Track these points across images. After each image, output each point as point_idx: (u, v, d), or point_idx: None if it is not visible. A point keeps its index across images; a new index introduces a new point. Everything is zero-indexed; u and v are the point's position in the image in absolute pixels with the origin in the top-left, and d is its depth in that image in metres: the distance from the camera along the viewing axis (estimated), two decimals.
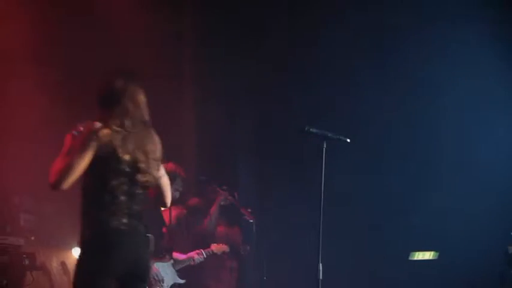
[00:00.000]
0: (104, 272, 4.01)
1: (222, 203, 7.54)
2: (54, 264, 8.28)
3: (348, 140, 5.19)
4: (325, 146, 5.04)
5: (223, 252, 7.45)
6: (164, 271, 6.87)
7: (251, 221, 7.55)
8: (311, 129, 5.10)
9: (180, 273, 7.04)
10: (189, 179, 8.18)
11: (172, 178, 6.95)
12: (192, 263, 7.23)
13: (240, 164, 9.33)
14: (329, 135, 5.11)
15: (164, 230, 6.94)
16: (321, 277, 4.93)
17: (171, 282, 6.94)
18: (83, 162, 4.04)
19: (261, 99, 9.22)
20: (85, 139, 4.08)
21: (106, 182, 4.13)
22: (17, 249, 6.95)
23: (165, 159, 4.19)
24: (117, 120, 4.19)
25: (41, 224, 8.47)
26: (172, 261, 7.03)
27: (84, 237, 4.11)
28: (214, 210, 7.54)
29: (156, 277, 6.74)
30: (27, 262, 6.96)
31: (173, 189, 7.05)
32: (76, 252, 8.53)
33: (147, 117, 4.32)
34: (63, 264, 7.88)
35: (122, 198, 4.15)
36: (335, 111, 8.62)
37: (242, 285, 7.97)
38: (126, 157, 4.15)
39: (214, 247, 7.37)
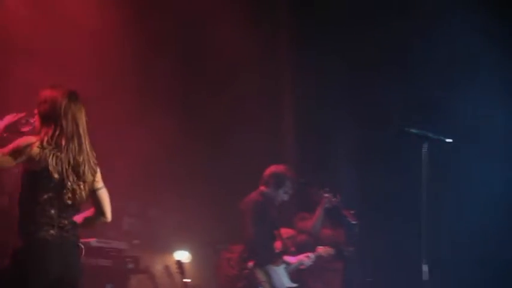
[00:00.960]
0: (34, 279, 4.27)
1: (326, 205, 7.42)
2: (158, 268, 8.34)
3: (450, 141, 5.02)
4: (426, 147, 4.89)
5: (329, 255, 7.35)
6: (277, 275, 6.81)
7: (354, 222, 7.42)
8: (411, 130, 4.98)
9: (291, 276, 6.98)
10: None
11: (281, 181, 6.97)
12: (302, 266, 7.15)
13: (342, 166, 9.17)
14: (430, 135, 5.01)
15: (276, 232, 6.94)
16: (426, 278, 4.77)
17: (286, 286, 6.87)
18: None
19: (361, 100, 9.01)
20: (16, 149, 4.31)
21: (36, 196, 4.36)
22: (120, 253, 6.98)
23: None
24: (53, 139, 4.38)
25: (144, 228, 8.57)
26: (284, 264, 6.96)
27: (16, 248, 4.34)
28: (319, 213, 7.43)
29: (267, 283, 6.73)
30: (131, 266, 7.01)
31: (282, 192, 7.01)
32: (179, 255, 8.64)
33: (83, 136, 4.51)
34: (166, 268, 7.91)
35: (52, 211, 4.38)
36: (437, 112, 8.32)
37: (346, 287, 7.81)
38: (56, 175, 4.35)
39: (321, 250, 7.29)
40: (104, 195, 4.71)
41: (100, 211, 4.69)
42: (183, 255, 8.56)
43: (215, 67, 8.69)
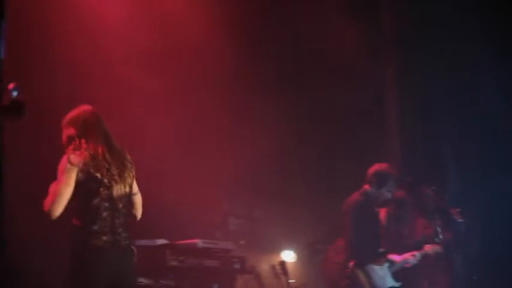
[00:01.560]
0: (89, 283, 4.62)
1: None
2: (264, 268, 8.40)
3: None
4: None
5: (436, 253, 7.21)
6: (379, 275, 6.75)
7: (460, 220, 7.25)
8: None
9: (395, 275, 6.89)
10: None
11: (384, 180, 6.91)
12: (407, 265, 7.06)
13: (448, 164, 8.97)
14: None
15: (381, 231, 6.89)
16: None
17: (388, 286, 6.80)
18: (68, 189, 4.62)
19: (467, 99, 8.79)
20: (65, 168, 4.63)
21: (89, 204, 4.69)
22: (227, 253, 7.02)
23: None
24: (93, 147, 4.75)
25: (250, 228, 8.65)
26: (388, 263, 6.89)
27: (73, 256, 4.69)
28: None
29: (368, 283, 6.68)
30: (237, 266, 7.02)
31: (385, 190, 6.94)
32: (285, 255, 8.68)
33: (115, 142, 4.89)
34: (273, 268, 7.93)
35: (105, 218, 4.71)
36: None
37: (453, 285, 7.64)
38: (106, 183, 4.71)
39: (428, 248, 7.16)
40: (139, 200, 5.03)
41: (132, 215, 4.99)
42: (288, 255, 8.62)
43: (319, 68, 8.66)
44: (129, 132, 7.03)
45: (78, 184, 4.67)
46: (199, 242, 6.65)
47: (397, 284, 6.86)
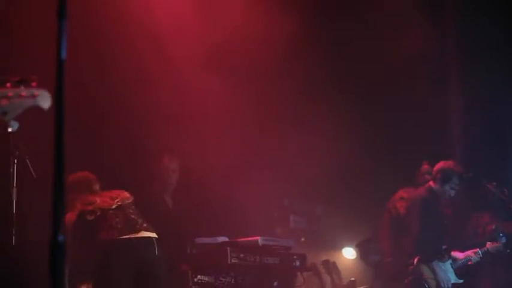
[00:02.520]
0: (116, 272, 5.00)
1: None
2: (324, 265, 8.39)
3: None
4: None
5: (498, 251, 7.10)
6: (443, 271, 6.71)
7: None
8: None
9: (458, 272, 6.83)
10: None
11: (448, 176, 6.87)
12: (470, 262, 6.98)
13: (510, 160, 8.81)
14: None
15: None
16: None
17: (451, 282, 6.75)
18: None
19: None
20: None
21: None
22: (287, 250, 7.03)
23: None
24: None
25: (311, 225, 8.64)
26: (451, 260, 6.84)
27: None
28: None
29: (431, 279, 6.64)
30: (297, 263, 7.01)
31: (448, 188, 6.90)
32: (347, 252, 8.66)
33: None
34: (333, 265, 7.93)
35: (132, 215, 5.21)
36: None
37: None
38: None
39: (489, 245, 7.07)
40: None
41: None
42: (349, 253, 8.60)
43: (380, 70, 8.59)
44: (194, 134, 7.16)
45: None
46: (259, 240, 6.65)
47: (460, 281, 6.81)
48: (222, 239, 6.60)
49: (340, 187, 8.36)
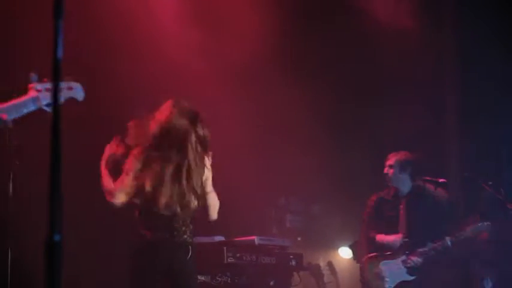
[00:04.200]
0: (144, 274, 4.87)
1: None
2: (321, 264, 8.39)
3: None
4: None
5: (478, 232, 6.94)
6: (390, 269, 6.69)
7: None
8: None
9: (412, 269, 6.74)
10: (453, 176, 7.94)
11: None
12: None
13: (505, 158, 8.81)
14: None
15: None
16: None
17: (398, 280, 6.71)
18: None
19: None
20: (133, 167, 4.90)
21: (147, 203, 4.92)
22: (283, 250, 7.04)
23: None
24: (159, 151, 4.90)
25: (307, 225, 8.65)
26: (404, 257, 6.77)
27: (134, 247, 4.96)
28: None
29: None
30: (294, 263, 7.03)
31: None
32: (343, 252, 8.66)
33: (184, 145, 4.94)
34: (330, 264, 7.94)
35: (166, 216, 4.91)
36: None
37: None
38: (168, 184, 4.89)
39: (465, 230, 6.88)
40: (211, 201, 5.15)
41: (207, 213, 5.16)
42: (346, 252, 8.60)
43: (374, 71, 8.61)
44: None
45: (140, 185, 4.90)
46: (256, 239, 6.69)
47: (410, 278, 6.71)
48: (218, 238, 6.60)
49: (337, 186, 8.36)
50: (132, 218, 5.05)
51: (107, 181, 4.97)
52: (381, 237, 6.82)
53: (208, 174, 5.09)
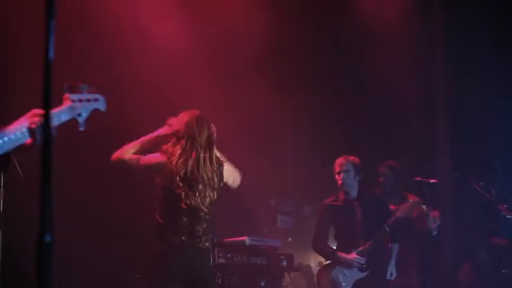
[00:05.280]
0: (167, 278, 4.88)
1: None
2: (311, 265, 8.42)
3: None
4: None
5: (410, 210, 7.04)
6: (343, 273, 6.71)
7: (509, 216, 7.16)
8: None
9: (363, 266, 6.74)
10: (444, 176, 7.96)
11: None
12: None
13: (496, 159, 8.86)
14: None
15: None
16: None
17: (352, 280, 6.75)
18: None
19: None
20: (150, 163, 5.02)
21: (170, 206, 4.97)
22: (274, 250, 7.04)
23: None
24: (182, 155, 4.98)
25: (298, 225, 8.65)
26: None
27: (154, 250, 4.99)
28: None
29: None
30: (284, 263, 7.03)
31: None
32: None
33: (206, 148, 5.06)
34: (320, 265, 7.94)
35: (184, 220, 4.94)
36: None
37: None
38: (186, 188, 4.93)
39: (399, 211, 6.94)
40: (227, 173, 5.23)
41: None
42: None
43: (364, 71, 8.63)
44: None
45: (162, 188, 5.00)
46: (247, 240, 6.68)
47: (363, 274, 6.74)
48: None
49: (328, 188, 8.36)
50: (132, 221, 5.04)
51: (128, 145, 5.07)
52: (342, 255, 6.81)
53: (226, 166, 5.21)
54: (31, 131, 3.34)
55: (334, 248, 6.94)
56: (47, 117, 2.10)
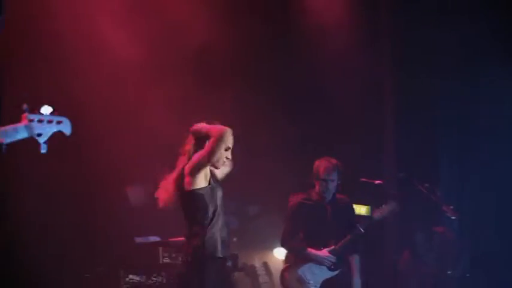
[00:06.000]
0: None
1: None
2: (256, 265, 8.38)
3: None
4: None
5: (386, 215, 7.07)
6: (311, 271, 6.72)
7: (453, 218, 7.22)
8: None
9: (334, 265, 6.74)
10: (389, 176, 8.02)
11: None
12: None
13: (441, 160, 8.96)
14: None
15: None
16: None
17: (320, 279, 6.72)
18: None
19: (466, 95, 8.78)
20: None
21: (208, 212, 5.13)
22: None
23: None
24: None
25: (242, 225, 8.61)
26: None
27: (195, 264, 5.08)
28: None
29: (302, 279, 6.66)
30: (229, 263, 6.96)
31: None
32: (278, 253, 8.64)
33: None
34: (265, 265, 7.93)
35: (220, 223, 5.14)
36: None
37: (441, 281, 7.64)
38: (219, 193, 5.27)
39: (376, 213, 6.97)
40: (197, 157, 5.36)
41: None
42: (281, 253, 8.57)
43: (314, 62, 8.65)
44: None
45: (199, 193, 5.12)
46: None
47: (334, 273, 6.75)
48: (153, 238, 6.55)
49: (273, 187, 8.35)
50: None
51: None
52: (313, 252, 6.75)
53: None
54: None
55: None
56: None
